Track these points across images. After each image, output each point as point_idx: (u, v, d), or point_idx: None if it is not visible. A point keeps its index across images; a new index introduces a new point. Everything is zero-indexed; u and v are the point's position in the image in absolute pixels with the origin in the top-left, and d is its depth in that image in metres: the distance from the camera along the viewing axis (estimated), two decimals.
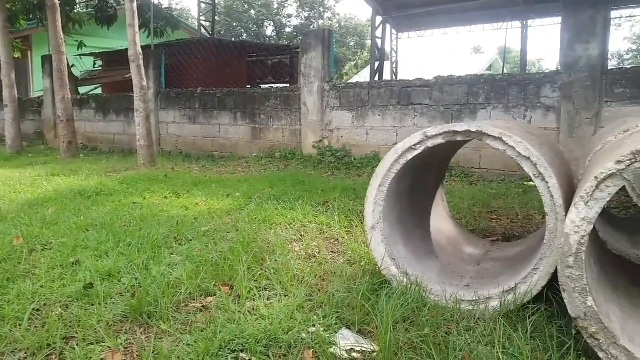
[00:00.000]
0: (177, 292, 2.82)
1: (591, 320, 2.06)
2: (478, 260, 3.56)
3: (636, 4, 16.18)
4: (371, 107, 8.81)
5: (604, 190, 2.05)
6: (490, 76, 7.98)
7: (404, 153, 2.94)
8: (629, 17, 26.63)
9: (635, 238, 4.00)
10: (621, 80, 6.70)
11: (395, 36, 18.97)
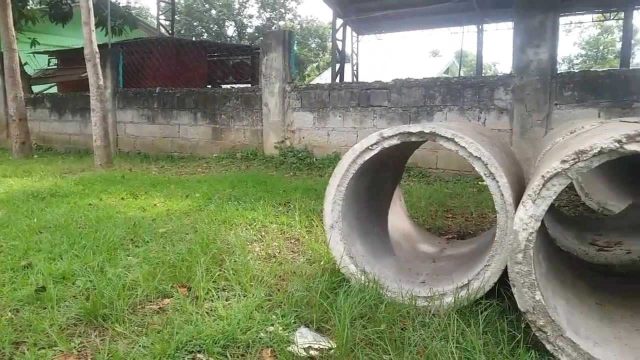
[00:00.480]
0: (133, 294, 2.78)
1: (539, 314, 2.16)
2: (434, 257, 3.65)
3: (583, 11, 16.90)
4: (332, 108, 8.88)
5: (550, 189, 2.15)
6: (446, 79, 8.19)
7: (362, 153, 2.99)
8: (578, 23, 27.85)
9: (583, 235, 4.20)
10: (570, 83, 7.00)
11: (355, 38, 19.14)
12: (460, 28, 18.26)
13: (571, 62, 40.29)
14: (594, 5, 16.35)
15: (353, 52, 18.93)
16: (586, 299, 2.77)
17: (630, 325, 2.51)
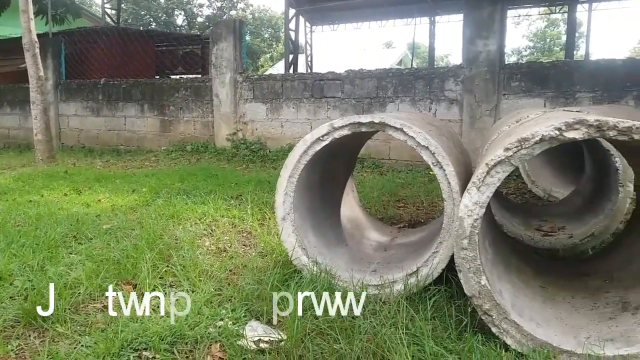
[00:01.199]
0: (76, 293, 2.67)
1: (485, 298, 2.20)
2: (385, 246, 3.68)
3: (530, 4, 17.46)
4: (285, 99, 8.81)
5: (494, 176, 2.19)
6: (398, 70, 8.28)
7: (313, 144, 2.96)
8: (526, 16, 28.76)
9: (529, 221, 4.33)
10: (517, 74, 7.20)
11: (309, 29, 19.08)
12: (413, 20, 18.51)
13: (520, 53, 41.60)
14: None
15: (307, 43, 18.87)
16: (531, 282, 2.85)
17: (571, 306, 2.61)
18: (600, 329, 2.32)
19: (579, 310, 2.56)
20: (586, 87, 6.80)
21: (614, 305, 2.52)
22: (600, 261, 3.20)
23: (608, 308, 2.51)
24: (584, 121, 2.01)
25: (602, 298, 2.62)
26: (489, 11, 7.11)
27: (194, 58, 14.10)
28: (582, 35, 28.14)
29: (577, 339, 2.20)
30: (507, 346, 2.18)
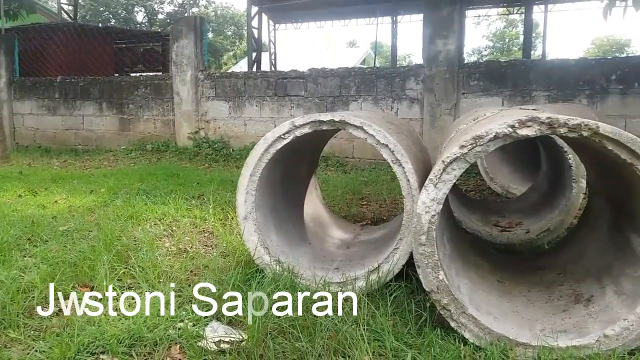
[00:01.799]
0: (29, 297, 2.58)
1: (443, 292, 2.24)
2: (348, 244, 3.71)
3: (489, 4, 17.88)
4: (248, 97, 8.75)
5: (450, 173, 2.23)
6: (360, 69, 8.33)
7: (274, 142, 2.95)
8: (485, 16, 29.43)
9: (487, 217, 4.44)
10: (475, 73, 7.36)
11: (272, 27, 19.00)
12: (376, 19, 18.67)
13: (480, 53, 42.53)
14: (498, 0, 17.37)
15: (270, 41, 18.79)
16: (488, 277, 2.92)
17: (527, 299, 2.68)
18: (554, 321, 2.39)
19: (534, 303, 2.64)
20: (542, 86, 7.01)
21: (567, 297, 2.61)
22: (555, 255, 3.30)
23: (562, 300, 2.60)
24: (536, 119, 2.07)
25: (557, 291, 2.71)
26: (448, 11, 7.24)
27: (154, 55, 13.86)
28: (539, 36, 29.08)
29: (532, 331, 2.26)
30: (466, 340, 2.22)
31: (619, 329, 2.13)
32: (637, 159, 2.00)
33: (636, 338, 2.12)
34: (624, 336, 2.12)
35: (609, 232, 2.76)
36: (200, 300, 2.47)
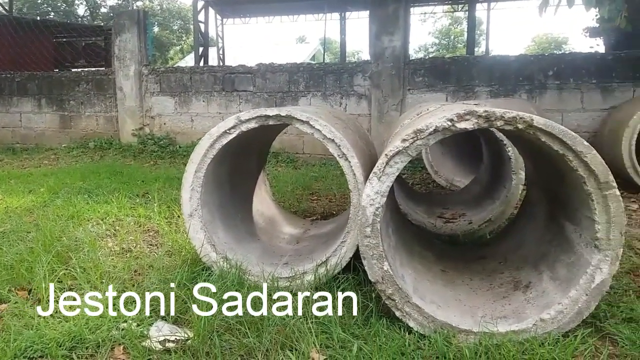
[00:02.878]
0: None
1: (388, 283, 2.28)
2: (298, 239, 3.71)
3: (434, 1, 18.29)
4: (195, 92, 8.59)
5: (393, 166, 2.27)
6: (309, 65, 8.33)
7: (219, 137, 2.91)
8: (431, 13, 30.08)
9: (432, 209, 4.55)
10: (420, 69, 7.51)
11: (220, 22, 18.71)
12: (324, 15, 18.70)
13: (427, 50, 43.44)
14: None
15: (218, 36, 18.50)
16: (432, 267, 3.00)
17: (469, 288, 2.78)
18: (495, 308, 2.49)
19: (476, 291, 2.73)
20: (484, 82, 7.25)
21: (507, 285, 2.72)
22: (496, 245, 3.43)
23: (502, 288, 2.70)
24: (473, 112, 2.14)
25: (497, 279, 2.82)
26: (393, 8, 7.35)
27: (97, 50, 13.37)
28: (483, 33, 30.00)
29: (474, 318, 2.34)
30: (410, 329, 2.27)
31: (554, 313, 2.24)
32: (568, 149, 2.10)
33: (570, 321, 2.24)
34: (559, 319, 2.23)
35: (545, 221, 2.89)
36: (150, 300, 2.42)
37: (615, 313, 2.44)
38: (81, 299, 2.38)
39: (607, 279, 2.22)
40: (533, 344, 2.13)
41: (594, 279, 2.21)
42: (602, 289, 2.23)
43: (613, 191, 2.11)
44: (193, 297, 2.45)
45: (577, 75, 6.87)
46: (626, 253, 3.43)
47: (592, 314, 2.32)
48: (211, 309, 2.28)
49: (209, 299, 2.35)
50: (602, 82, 6.79)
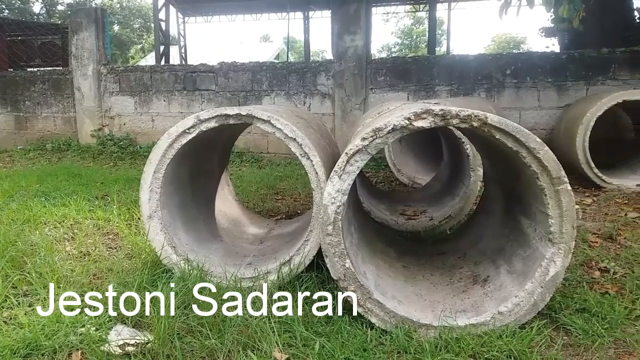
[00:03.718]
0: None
1: (349, 280, 2.30)
2: (261, 239, 3.70)
3: (395, 1, 18.51)
4: (155, 92, 8.43)
5: (353, 164, 2.29)
6: (272, 64, 8.30)
7: (178, 137, 2.87)
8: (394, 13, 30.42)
9: (394, 207, 4.61)
10: (382, 69, 7.59)
11: (182, 20, 18.44)
12: (288, 14, 18.67)
13: (390, 50, 43.91)
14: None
15: (180, 34, 18.23)
16: (394, 263, 3.05)
17: (430, 283, 2.83)
18: (454, 302, 2.54)
19: (436, 286, 2.79)
20: (444, 81, 7.38)
21: (466, 279, 2.78)
22: (456, 240, 3.51)
23: (462, 282, 2.76)
24: (430, 111, 2.18)
25: (457, 273, 2.88)
26: (354, 7, 7.40)
27: (53, 49, 12.95)
28: (444, 33, 30.53)
29: (434, 312, 2.38)
30: (373, 325, 2.30)
31: (511, 306, 2.30)
32: (521, 146, 2.17)
33: (526, 313, 2.31)
34: (516, 312, 2.30)
35: (502, 216, 2.97)
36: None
37: (569, 304, 2.52)
38: (39, 305, 2.32)
39: (561, 271, 2.29)
40: (491, 336, 2.19)
41: (548, 271, 2.28)
42: (556, 281, 2.30)
43: (565, 186, 2.19)
44: (153, 299, 2.41)
45: (534, 74, 7.08)
46: (580, 246, 3.56)
47: (548, 306, 2.40)
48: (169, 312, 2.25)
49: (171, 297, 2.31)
50: (557, 81, 7.02)
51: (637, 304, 2.54)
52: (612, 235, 3.76)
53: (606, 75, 6.89)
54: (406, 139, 6.57)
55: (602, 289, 2.77)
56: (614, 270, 3.04)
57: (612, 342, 2.22)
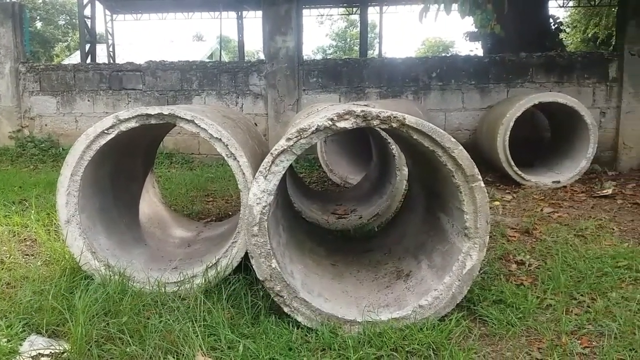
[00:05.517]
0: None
1: (276, 280, 2.31)
2: (189, 242, 3.63)
3: (328, 3, 18.72)
4: (79, 91, 8.06)
5: (279, 165, 2.30)
6: (202, 63, 8.16)
7: (96, 138, 2.77)
8: (328, 15, 30.73)
9: (326, 206, 4.67)
10: (314, 70, 7.66)
11: (109, 17, 17.73)
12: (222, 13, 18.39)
13: (325, 52, 44.28)
14: (337, 0, 18.25)
15: (108, 32, 17.52)
16: (323, 261, 3.09)
17: (356, 280, 2.89)
18: (379, 297, 2.61)
19: (362, 282, 2.85)
20: (374, 83, 7.55)
21: (390, 275, 2.86)
22: (382, 237, 3.60)
23: (386, 278, 2.84)
24: (352, 112, 2.23)
25: (382, 269, 2.96)
26: (285, 8, 7.41)
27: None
28: (377, 36, 31.20)
29: (359, 308, 2.44)
30: (299, 323, 2.32)
31: (431, 299, 2.40)
32: (437, 146, 2.26)
33: (445, 306, 2.41)
34: (435, 305, 2.39)
35: (424, 213, 3.09)
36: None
37: (487, 296, 2.65)
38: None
39: (477, 264, 2.41)
40: (412, 329, 2.27)
41: (465, 265, 2.40)
42: (472, 274, 2.42)
43: (478, 183, 2.31)
44: (71, 306, 2.31)
45: (458, 77, 7.38)
46: (499, 240, 3.76)
47: (467, 298, 2.51)
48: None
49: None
50: (480, 83, 7.36)
51: (548, 293, 2.71)
52: (528, 230, 4.00)
53: (525, 78, 7.30)
54: (339, 139, 6.67)
55: (517, 280, 2.94)
56: (529, 262, 3.23)
57: (525, 331, 2.36)
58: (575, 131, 6.04)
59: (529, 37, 8.46)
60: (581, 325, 2.38)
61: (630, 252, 3.31)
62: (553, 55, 7.49)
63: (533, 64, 7.27)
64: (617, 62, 7.04)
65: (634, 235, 3.89)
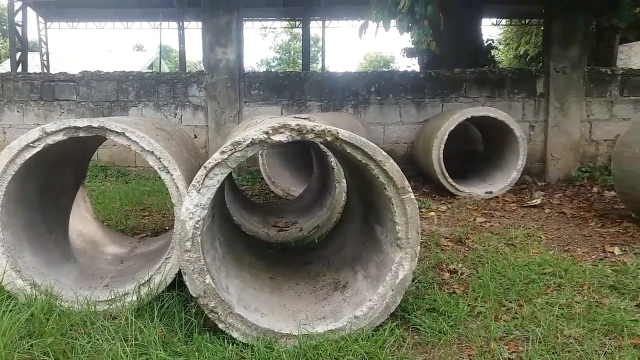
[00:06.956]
0: None
1: (210, 296, 2.27)
2: (122, 258, 3.51)
3: (270, 16, 18.79)
4: (7, 102, 7.65)
5: (213, 178, 2.27)
6: (139, 74, 7.96)
7: (21, 151, 2.65)
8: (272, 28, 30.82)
9: (267, 219, 4.64)
10: (255, 83, 7.64)
11: (43, 25, 16.99)
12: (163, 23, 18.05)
13: (269, 64, 44.27)
14: (279, 13, 18.35)
15: (41, 41, 16.77)
16: (262, 275, 3.06)
17: (294, 292, 2.89)
18: (316, 310, 2.62)
19: (301, 295, 2.85)
20: (315, 97, 7.63)
21: (328, 286, 2.88)
22: (322, 249, 3.63)
23: (323, 290, 2.86)
24: (287, 125, 2.24)
25: (320, 281, 2.97)
26: (226, 20, 7.37)
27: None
28: (320, 50, 31.54)
29: (296, 321, 2.43)
30: (234, 339, 2.29)
31: (365, 309, 2.43)
32: (369, 159, 2.31)
33: (379, 316, 2.45)
34: (370, 315, 2.43)
35: (361, 225, 3.14)
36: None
37: (420, 305, 2.72)
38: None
39: (409, 274, 2.48)
40: (348, 341, 2.29)
41: (397, 275, 2.45)
42: (405, 284, 2.48)
43: (409, 195, 2.38)
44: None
45: (396, 92, 7.58)
46: (433, 249, 3.87)
47: (401, 307, 2.57)
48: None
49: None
50: (416, 98, 7.59)
51: (479, 301, 2.81)
52: (461, 239, 4.14)
53: (459, 92, 7.59)
54: (282, 152, 6.67)
55: (450, 289, 3.04)
56: (461, 271, 3.34)
57: (456, 338, 2.43)
58: (506, 144, 6.34)
59: (463, 53, 8.83)
60: (509, 331, 2.48)
61: (555, 259, 3.50)
62: (485, 71, 7.85)
63: (466, 79, 7.58)
64: (543, 78, 7.45)
65: (559, 243, 4.11)
